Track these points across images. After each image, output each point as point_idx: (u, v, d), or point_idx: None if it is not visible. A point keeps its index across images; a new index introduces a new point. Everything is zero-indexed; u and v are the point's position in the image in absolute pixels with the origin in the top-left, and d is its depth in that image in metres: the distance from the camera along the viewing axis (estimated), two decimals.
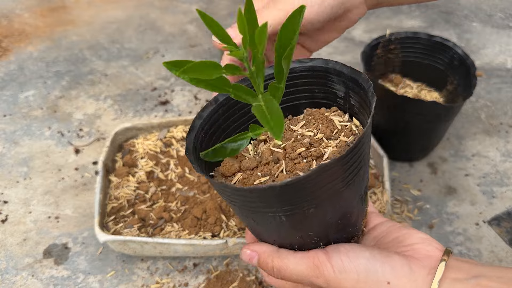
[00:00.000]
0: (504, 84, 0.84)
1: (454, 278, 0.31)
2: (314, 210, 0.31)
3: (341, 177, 0.30)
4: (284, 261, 0.35)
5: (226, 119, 0.38)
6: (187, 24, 1.02)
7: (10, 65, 0.88)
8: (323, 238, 0.35)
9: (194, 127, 0.35)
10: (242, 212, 0.34)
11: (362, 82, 0.34)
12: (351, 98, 0.37)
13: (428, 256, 0.33)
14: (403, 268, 0.32)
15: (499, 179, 0.66)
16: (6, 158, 0.70)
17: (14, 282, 0.54)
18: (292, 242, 0.35)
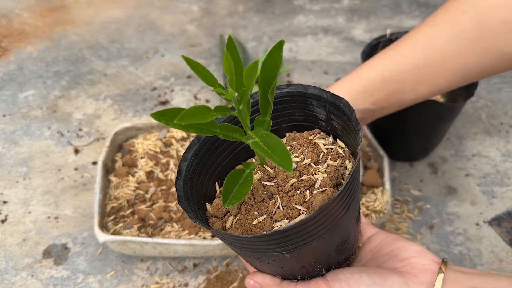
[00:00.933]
0: (504, 84, 0.84)
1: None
2: (316, 242, 0.32)
3: (339, 209, 0.31)
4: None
5: (211, 155, 0.38)
6: (187, 24, 1.02)
7: (9, 65, 0.88)
8: (325, 264, 0.36)
9: (181, 171, 0.35)
10: (243, 253, 0.35)
11: (344, 107, 0.34)
12: (333, 121, 0.37)
13: (425, 270, 0.34)
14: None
15: (499, 179, 0.66)
16: (6, 158, 0.70)
17: (13, 282, 0.54)
18: (294, 273, 0.36)
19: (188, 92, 0.82)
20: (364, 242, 0.40)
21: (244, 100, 0.31)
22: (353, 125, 0.33)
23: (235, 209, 0.35)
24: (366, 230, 0.41)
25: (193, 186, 0.36)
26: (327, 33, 0.98)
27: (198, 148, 0.37)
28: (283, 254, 0.32)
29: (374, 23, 1.01)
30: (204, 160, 0.37)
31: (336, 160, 0.35)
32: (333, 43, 0.95)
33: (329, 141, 0.37)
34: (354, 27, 1.00)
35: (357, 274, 0.34)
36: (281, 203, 0.33)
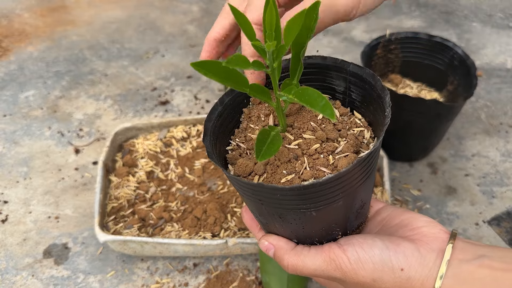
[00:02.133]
0: (504, 84, 0.84)
1: (461, 259, 0.33)
2: (343, 201, 0.33)
3: (367, 169, 0.33)
4: (300, 257, 0.36)
5: (231, 119, 0.39)
6: (187, 24, 1.02)
7: (10, 65, 0.89)
8: (342, 228, 0.37)
9: (206, 129, 0.36)
10: (268, 211, 0.35)
11: (367, 77, 0.36)
12: (352, 93, 0.38)
13: (435, 238, 0.35)
14: (413, 254, 0.34)
15: (499, 179, 0.66)
16: (6, 158, 0.70)
17: (14, 282, 0.54)
18: (312, 235, 0.36)
19: (188, 92, 0.82)
20: (372, 215, 0.41)
21: (280, 56, 0.31)
22: (378, 92, 0.35)
23: (261, 169, 0.35)
24: (374, 204, 0.42)
25: (216, 147, 0.37)
26: (327, 33, 0.98)
27: (220, 111, 0.38)
28: (310, 212, 0.33)
29: (374, 23, 1.01)
30: (225, 123, 0.38)
31: (354, 130, 0.36)
32: (333, 43, 0.95)
33: (347, 112, 0.38)
34: (354, 27, 1.00)
35: (370, 239, 0.35)
36: (308, 164, 0.34)
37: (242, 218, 0.42)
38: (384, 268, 0.34)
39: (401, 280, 0.33)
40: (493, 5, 1.07)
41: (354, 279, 0.34)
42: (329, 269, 0.35)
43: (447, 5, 1.07)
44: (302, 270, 0.36)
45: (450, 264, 0.33)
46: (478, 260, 0.33)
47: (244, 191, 0.34)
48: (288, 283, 0.50)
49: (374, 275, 0.34)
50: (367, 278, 0.34)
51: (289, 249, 0.37)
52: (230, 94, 0.38)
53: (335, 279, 0.36)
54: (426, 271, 0.33)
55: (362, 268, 0.34)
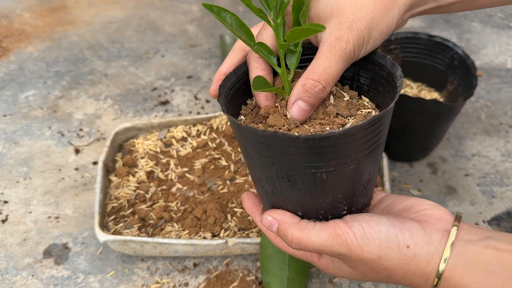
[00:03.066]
0: (504, 84, 0.84)
1: (467, 240, 0.33)
2: (353, 167, 0.33)
3: (377, 135, 0.33)
4: (305, 232, 0.36)
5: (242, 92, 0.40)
6: (187, 24, 1.02)
7: (10, 65, 0.89)
8: (348, 202, 0.36)
9: (221, 93, 0.36)
10: (278, 172, 0.34)
11: (377, 58, 0.37)
12: (360, 77, 0.39)
13: (440, 219, 0.35)
14: (419, 232, 0.34)
15: (499, 179, 0.66)
16: (6, 158, 0.70)
17: (14, 282, 0.54)
18: (319, 207, 0.36)
19: (188, 92, 0.82)
20: (375, 203, 0.41)
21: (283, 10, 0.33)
22: (388, 70, 0.36)
23: None
24: (377, 193, 0.42)
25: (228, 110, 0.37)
26: None
27: (234, 81, 0.38)
28: (321, 174, 0.32)
29: None
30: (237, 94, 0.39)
31: (363, 111, 0.37)
32: None
33: (355, 95, 0.38)
34: None
35: (376, 217, 0.35)
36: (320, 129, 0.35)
37: (243, 203, 0.42)
38: (390, 245, 0.33)
39: (407, 257, 0.33)
40: None
41: (359, 255, 0.34)
42: (334, 244, 0.35)
43: None
44: (306, 244, 0.36)
45: (456, 244, 0.33)
46: (484, 241, 0.33)
47: (256, 148, 0.33)
48: (288, 283, 0.50)
49: (380, 252, 0.34)
50: (373, 255, 0.34)
51: (294, 223, 0.36)
52: (243, 67, 0.39)
53: (340, 256, 0.35)
54: (432, 249, 0.33)
55: (368, 244, 0.34)
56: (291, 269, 0.51)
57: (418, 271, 0.33)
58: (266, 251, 0.51)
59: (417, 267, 0.33)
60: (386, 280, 0.36)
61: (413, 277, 0.34)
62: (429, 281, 0.33)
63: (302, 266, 0.51)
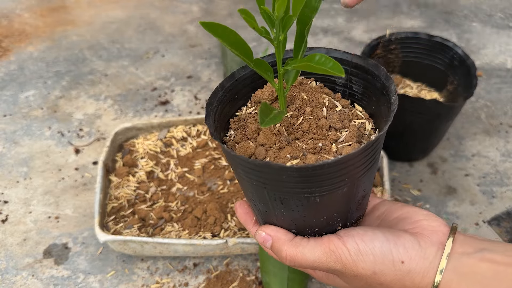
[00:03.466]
0: (504, 84, 0.84)
1: (462, 252, 0.33)
2: (347, 189, 0.33)
3: (372, 156, 0.32)
4: (299, 249, 0.35)
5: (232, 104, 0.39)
6: (187, 24, 1.02)
7: (10, 65, 0.89)
8: (343, 219, 0.36)
9: (208, 113, 0.36)
10: (270, 196, 0.34)
11: (370, 67, 0.36)
12: (353, 85, 0.38)
13: (435, 232, 0.35)
14: (414, 247, 0.33)
15: (499, 179, 0.66)
16: (6, 158, 0.70)
17: (14, 282, 0.54)
18: (313, 225, 0.36)
19: (188, 92, 0.82)
20: (370, 210, 0.41)
21: (287, 27, 0.31)
22: (382, 82, 0.35)
23: (262, 153, 0.34)
24: (371, 199, 0.42)
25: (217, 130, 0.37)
26: (327, 33, 0.98)
27: (221, 96, 0.38)
28: (314, 198, 0.32)
29: (374, 23, 1.01)
30: (226, 108, 0.38)
31: (356, 121, 0.36)
32: (333, 43, 0.95)
33: (348, 104, 0.38)
34: (354, 27, 1.00)
35: (371, 231, 0.35)
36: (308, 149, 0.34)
37: (236, 212, 0.42)
38: (385, 261, 0.33)
39: (402, 273, 0.33)
40: (493, 5, 1.07)
41: (354, 271, 0.34)
42: (329, 260, 0.34)
43: (447, 5, 1.07)
44: (300, 261, 0.35)
45: (451, 257, 0.33)
46: (479, 254, 0.32)
47: (247, 174, 0.33)
48: (288, 283, 0.50)
49: (374, 268, 0.33)
50: (367, 271, 0.34)
51: (288, 240, 0.36)
52: (230, 80, 0.38)
53: (334, 272, 0.35)
54: (426, 264, 0.33)
55: (363, 260, 0.33)
56: (291, 269, 0.51)
57: (413, 286, 0.33)
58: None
59: (412, 282, 0.33)
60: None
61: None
62: None
63: None
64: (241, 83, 0.39)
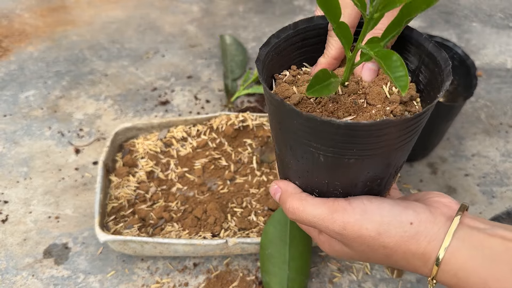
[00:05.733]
0: (504, 84, 0.84)
1: (472, 226, 0.32)
2: (354, 161, 0.32)
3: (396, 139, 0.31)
4: (302, 203, 0.35)
5: (299, 48, 0.39)
6: (187, 24, 1.02)
7: (10, 65, 0.89)
8: (344, 193, 0.35)
9: (269, 42, 0.36)
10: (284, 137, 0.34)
11: (441, 60, 0.34)
12: (420, 74, 0.37)
13: (447, 206, 0.34)
14: (424, 212, 0.33)
15: (499, 179, 0.66)
16: (6, 158, 0.70)
17: (14, 282, 0.54)
18: (314, 185, 0.36)
19: (188, 92, 0.82)
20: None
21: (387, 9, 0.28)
22: (442, 77, 0.33)
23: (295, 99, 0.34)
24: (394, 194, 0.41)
25: (270, 63, 0.36)
26: None
27: (291, 34, 0.37)
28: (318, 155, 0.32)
29: None
30: (288, 48, 0.38)
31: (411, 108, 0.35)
32: None
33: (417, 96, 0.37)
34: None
35: (379, 197, 0.34)
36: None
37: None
38: (392, 221, 0.32)
39: (408, 234, 0.32)
40: (493, 5, 1.07)
41: (356, 232, 0.33)
42: (329, 219, 0.34)
43: (447, 5, 1.07)
44: (301, 215, 0.35)
45: (460, 229, 0.32)
46: (489, 230, 0.31)
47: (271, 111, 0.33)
48: (288, 283, 0.50)
49: (380, 228, 0.32)
50: (372, 231, 0.32)
51: (295, 193, 0.37)
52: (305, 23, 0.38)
53: (333, 233, 0.34)
54: (435, 229, 0.32)
55: (368, 220, 0.33)
56: (291, 269, 0.51)
57: (419, 250, 0.32)
58: (266, 251, 0.51)
59: (417, 245, 0.32)
60: (383, 260, 0.35)
61: (413, 257, 0.33)
62: (428, 262, 0.32)
63: (302, 266, 0.51)
64: (315, 31, 0.38)
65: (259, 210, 0.57)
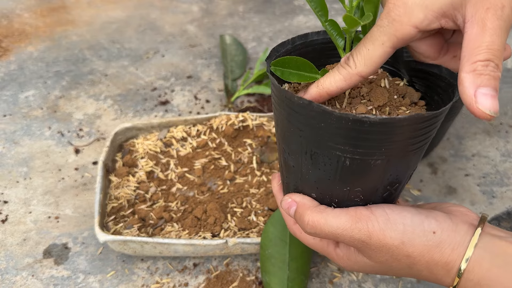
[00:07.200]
0: (504, 84, 0.84)
1: (494, 234, 0.32)
2: (380, 162, 0.31)
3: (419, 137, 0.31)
4: (323, 214, 0.34)
5: None
6: (187, 24, 1.02)
7: (10, 65, 0.89)
8: (365, 199, 0.35)
9: (271, 56, 0.36)
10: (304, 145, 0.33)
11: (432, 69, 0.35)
12: (415, 84, 0.37)
13: (465, 214, 0.34)
14: (445, 221, 0.33)
15: (499, 179, 0.66)
16: (6, 158, 0.70)
17: (14, 282, 0.54)
18: (334, 193, 0.35)
19: (188, 92, 0.82)
20: None
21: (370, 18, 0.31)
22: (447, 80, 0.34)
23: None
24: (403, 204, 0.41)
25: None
26: None
27: (289, 49, 0.38)
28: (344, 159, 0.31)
29: None
30: None
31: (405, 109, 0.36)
32: None
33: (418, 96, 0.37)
34: None
35: (400, 205, 0.34)
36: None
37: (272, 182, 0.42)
38: (415, 230, 0.32)
39: (432, 243, 0.32)
40: None
41: (381, 240, 0.32)
42: (354, 228, 0.33)
43: None
44: (323, 228, 0.34)
45: (483, 237, 0.32)
46: (510, 238, 0.32)
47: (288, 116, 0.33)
48: (288, 283, 0.50)
49: (403, 237, 0.32)
50: (396, 240, 0.32)
51: (312, 206, 0.35)
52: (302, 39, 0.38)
53: (358, 242, 0.34)
54: (458, 238, 0.32)
55: (391, 229, 0.32)
56: (291, 269, 0.51)
57: (442, 259, 0.32)
58: (266, 251, 0.51)
59: (441, 254, 0.32)
60: (405, 270, 0.34)
61: (436, 266, 0.32)
62: (452, 271, 0.32)
63: (302, 266, 0.51)
64: (311, 46, 0.39)
65: (259, 210, 0.57)
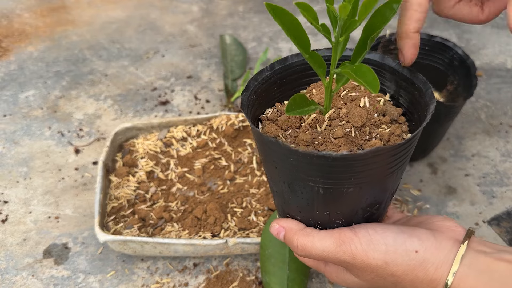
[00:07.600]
0: (504, 84, 0.84)
1: (479, 250, 0.32)
2: (353, 189, 0.32)
3: (390, 164, 0.32)
4: (309, 238, 0.35)
5: (276, 87, 0.39)
6: (187, 24, 1.02)
7: (10, 65, 0.89)
8: (347, 221, 0.36)
9: (249, 86, 0.36)
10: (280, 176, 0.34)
11: (419, 83, 0.35)
12: (400, 97, 0.38)
13: (451, 230, 0.34)
14: (429, 238, 0.33)
15: (499, 179, 0.66)
16: (6, 158, 0.70)
17: (14, 282, 0.54)
18: (316, 218, 0.36)
19: (188, 92, 0.82)
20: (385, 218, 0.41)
21: (350, 31, 0.31)
22: (425, 100, 0.34)
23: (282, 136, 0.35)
24: (395, 214, 0.42)
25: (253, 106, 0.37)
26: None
27: (269, 75, 0.38)
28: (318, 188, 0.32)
29: None
30: (271, 89, 0.39)
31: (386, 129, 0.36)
32: None
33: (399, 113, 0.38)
34: None
35: (384, 224, 0.34)
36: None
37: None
38: (398, 250, 0.33)
39: (415, 262, 0.32)
40: None
41: (364, 261, 0.33)
42: (338, 251, 0.34)
43: None
44: (310, 251, 0.35)
45: (467, 253, 0.32)
46: (496, 254, 0.32)
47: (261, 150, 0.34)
48: (288, 283, 0.50)
49: (386, 257, 0.33)
50: (379, 261, 0.33)
51: (299, 229, 0.37)
52: (281, 63, 0.39)
53: (344, 263, 0.35)
54: (441, 256, 0.32)
55: (374, 250, 0.33)
56: (291, 269, 0.51)
57: (426, 277, 0.32)
58: (266, 251, 0.51)
59: (425, 273, 0.32)
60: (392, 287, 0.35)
61: (421, 284, 0.33)
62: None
63: (302, 266, 0.51)
64: (291, 69, 0.39)
65: (259, 210, 0.57)
